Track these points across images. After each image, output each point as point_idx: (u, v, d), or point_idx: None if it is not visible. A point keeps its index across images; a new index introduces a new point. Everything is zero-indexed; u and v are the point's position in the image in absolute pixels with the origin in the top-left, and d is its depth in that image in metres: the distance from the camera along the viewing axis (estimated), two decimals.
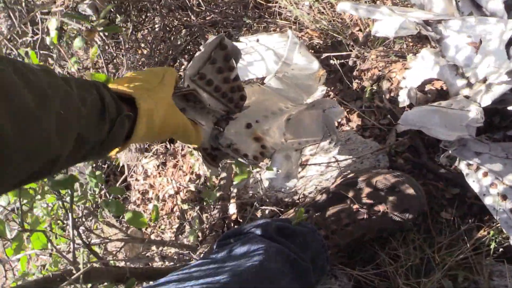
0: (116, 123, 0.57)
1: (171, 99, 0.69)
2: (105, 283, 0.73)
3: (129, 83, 0.66)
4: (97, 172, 0.84)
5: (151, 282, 0.79)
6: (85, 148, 0.54)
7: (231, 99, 0.80)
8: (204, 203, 1.34)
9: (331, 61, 1.21)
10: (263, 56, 1.22)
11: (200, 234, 1.14)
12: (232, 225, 1.15)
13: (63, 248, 1.00)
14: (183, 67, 1.71)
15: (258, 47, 1.22)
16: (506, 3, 0.96)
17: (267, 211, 1.11)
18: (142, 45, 1.71)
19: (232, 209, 1.15)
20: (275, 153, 0.85)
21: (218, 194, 1.10)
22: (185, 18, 1.67)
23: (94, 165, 1.89)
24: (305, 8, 1.40)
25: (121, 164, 1.77)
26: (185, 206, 1.42)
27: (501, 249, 0.87)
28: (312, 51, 1.31)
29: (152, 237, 1.32)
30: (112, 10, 1.71)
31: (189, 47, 1.71)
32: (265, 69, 1.22)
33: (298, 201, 1.09)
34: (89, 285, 0.72)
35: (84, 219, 0.96)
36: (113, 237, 0.97)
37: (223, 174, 1.19)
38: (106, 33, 1.43)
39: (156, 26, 1.67)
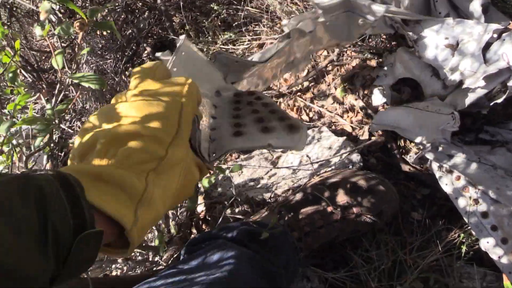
0: (73, 250, 0.35)
1: (185, 158, 0.49)
2: None
3: (127, 161, 0.43)
4: None
5: None
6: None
7: None
8: None
9: None
10: None
11: (166, 232, 1.09)
12: (201, 223, 1.11)
13: None
14: (145, 52, 1.62)
15: None
16: (483, 5, 0.95)
17: (237, 210, 1.07)
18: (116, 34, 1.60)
19: (200, 207, 1.11)
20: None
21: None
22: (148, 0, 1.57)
23: (49, 153, 1.78)
24: None
25: None
26: None
27: (471, 252, 0.88)
28: None
29: None
30: None
31: (153, 30, 1.62)
32: None
33: (269, 200, 1.06)
34: None
35: None
36: None
37: None
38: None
39: (118, 7, 1.56)
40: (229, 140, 0.65)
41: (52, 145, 1.85)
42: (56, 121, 0.65)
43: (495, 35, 0.87)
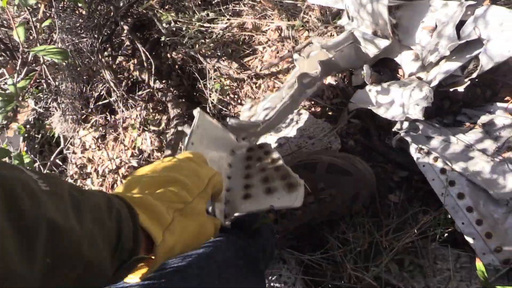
0: (124, 267, 0.46)
1: (204, 214, 0.60)
2: None
3: (161, 197, 0.54)
4: (24, 156, 0.73)
5: None
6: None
7: None
8: None
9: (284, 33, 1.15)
10: None
11: None
12: None
13: None
14: (124, 32, 1.58)
15: None
16: None
17: None
18: (80, 4, 1.55)
19: None
20: None
21: None
22: None
23: (25, 135, 1.74)
24: None
25: (56, 135, 1.63)
26: None
27: (446, 234, 0.88)
28: (266, 20, 1.24)
29: None
30: None
31: (132, 9, 1.57)
32: None
33: None
34: None
35: None
36: None
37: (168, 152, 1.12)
38: None
39: None
40: (239, 203, 0.76)
41: (28, 126, 1.80)
42: (20, 98, 0.62)
43: (469, 12, 0.86)
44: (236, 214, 0.74)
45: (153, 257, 0.50)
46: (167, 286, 0.56)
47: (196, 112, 0.81)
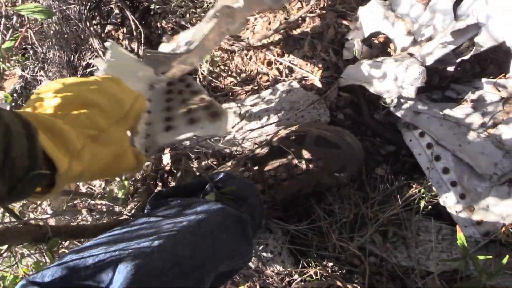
0: (20, 184, 0.42)
1: (126, 142, 0.58)
2: (24, 244, 0.66)
3: (74, 121, 0.51)
4: None
5: (75, 242, 0.72)
6: None
7: None
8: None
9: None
10: None
11: (131, 187, 1.08)
12: (166, 176, 1.09)
13: None
14: None
15: None
16: None
17: (203, 163, 1.06)
18: None
19: (166, 159, 1.09)
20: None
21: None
22: None
23: (12, 103, 1.71)
24: None
25: None
26: None
27: (429, 207, 0.90)
28: None
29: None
30: None
31: None
32: None
33: (236, 153, 1.05)
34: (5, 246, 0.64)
35: None
36: None
37: None
38: None
39: None
40: (161, 136, 0.74)
41: (15, 95, 1.77)
42: (5, 59, 0.61)
43: None
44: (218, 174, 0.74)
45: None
46: (159, 251, 0.56)
47: (109, 44, 0.77)
